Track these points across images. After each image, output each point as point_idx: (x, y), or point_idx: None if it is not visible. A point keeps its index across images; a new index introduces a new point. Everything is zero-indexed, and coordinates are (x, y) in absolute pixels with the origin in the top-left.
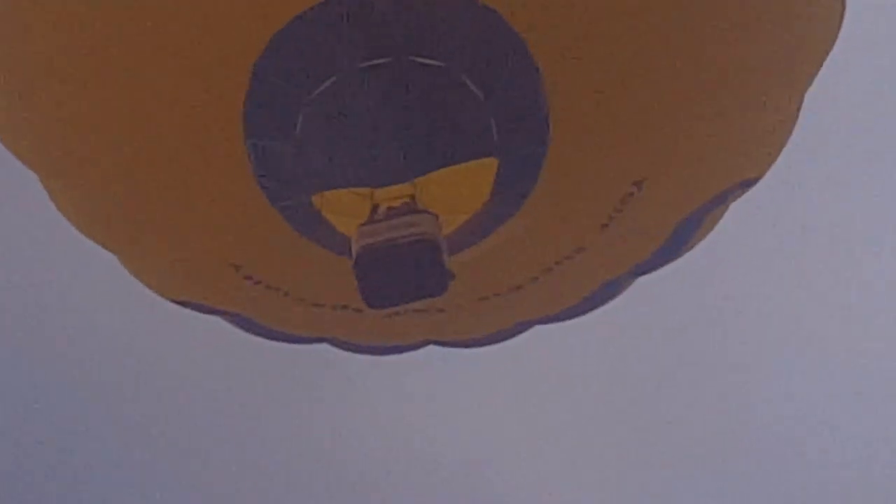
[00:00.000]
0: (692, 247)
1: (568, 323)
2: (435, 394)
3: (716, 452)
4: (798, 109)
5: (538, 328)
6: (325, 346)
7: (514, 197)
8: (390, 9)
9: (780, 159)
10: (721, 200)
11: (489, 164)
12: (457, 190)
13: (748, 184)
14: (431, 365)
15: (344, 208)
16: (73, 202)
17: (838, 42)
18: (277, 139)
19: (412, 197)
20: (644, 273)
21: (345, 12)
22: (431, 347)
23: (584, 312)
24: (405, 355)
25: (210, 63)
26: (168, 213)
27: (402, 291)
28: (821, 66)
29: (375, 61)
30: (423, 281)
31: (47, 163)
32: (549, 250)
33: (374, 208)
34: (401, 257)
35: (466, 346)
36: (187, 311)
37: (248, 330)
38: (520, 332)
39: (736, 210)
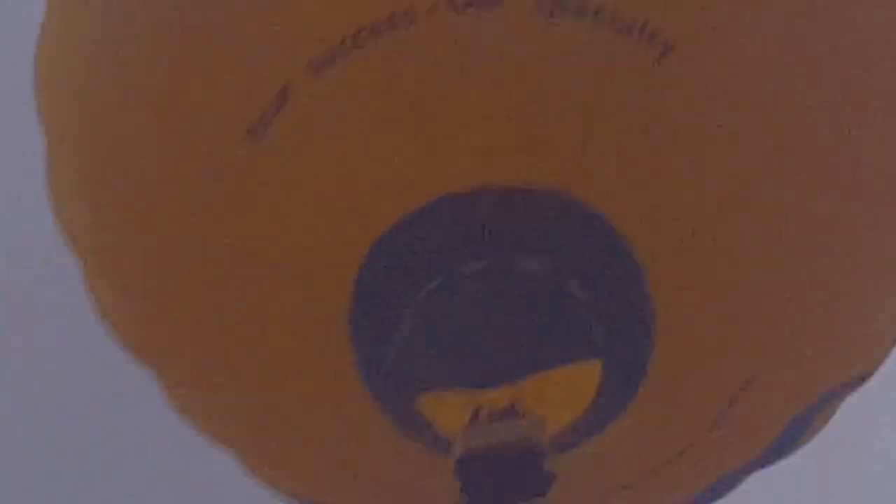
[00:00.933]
0: (806, 442)
1: None
2: None
3: None
4: None
5: None
6: None
7: (619, 399)
8: (492, 211)
9: None
10: (833, 396)
11: (593, 367)
12: (560, 392)
13: (863, 378)
14: None
15: (446, 410)
16: (191, 405)
17: None
18: (381, 341)
19: (515, 400)
20: (755, 470)
21: (447, 216)
22: None
23: None
24: None
25: (314, 267)
26: (281, 416)
27: (504, 495)
28: None
29: (477, 264)
30: (526, 484)
31: (174, 373)
32: (656, 451)
33: (476, 411)
34: (503, 461)
35: None
36: None
37: None
38: None
39: None
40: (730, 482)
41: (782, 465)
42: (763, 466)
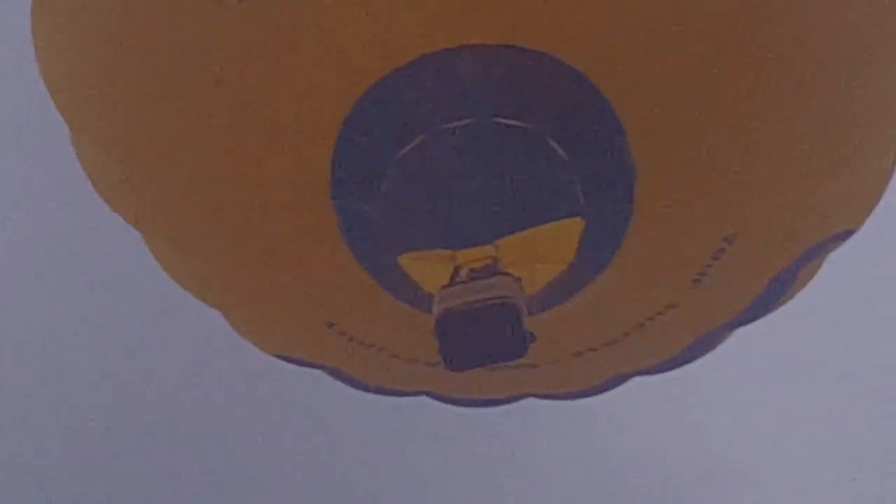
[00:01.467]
0: (788, 299)
1: None
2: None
3: None
4: None
5: None
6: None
7: (601, 257)
8: (475, 70)
9: None
10: (816, 253)
11: (574, 225)
12: (541, 250)
13: (846, 235)
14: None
15: (428, 269)
16: (180, 264)
17: None
18: (363, 200)
19: (494, 259)
20: (740, 325)
21: (428, 74)
22: None
23: (680, 365)
24: None
25: (297, 123)
26: (264, 273)
27: (482, 354)
28: None
29: (460, 122)
30: (503, 344)
31: (153, 228)
32: (641, 307)
33: (456, 270)
34: (481, 320)
35: (564, 398)
36: None
37: (347, 383)
38: (616, 384)
39: None
40: (713, 339)
41: None
42: (746, 323)
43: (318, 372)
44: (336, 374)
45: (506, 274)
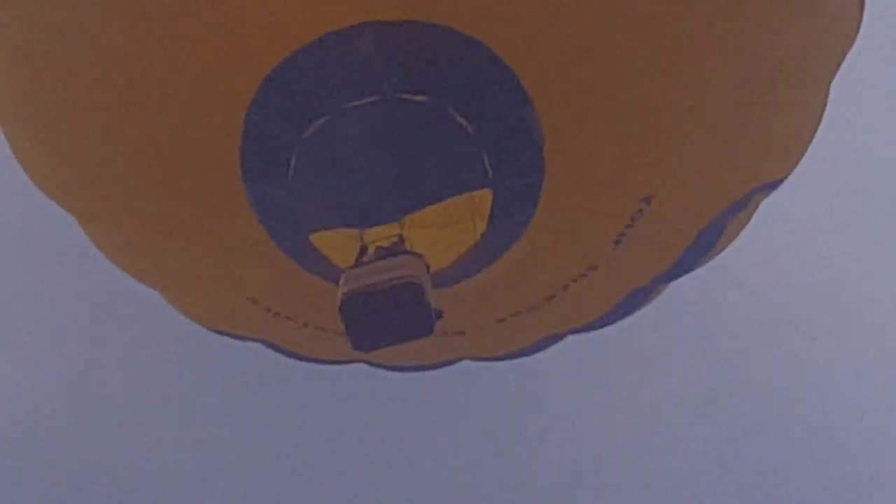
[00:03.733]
0: (720, 250)
1: None
2: None
3: None
4: (824, 104)
5: None
6: None
7: (513, 226)
8: (376, 47)
9: None
10: (744, 204)
11: (484, 197)
12: (450, 224)
13: (774, 185)
14: None
15: (338, 247)
16: (110, 243)
17: None
18: (273, 181)
19: (400, 237)
20: (672, 279)
21: (331, 53)
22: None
23: (615, 321)
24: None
25: (205, 108)
26: (186, 253)
27: (387, 335)
28: (845, 55)
29: (363, 100)
30: (408, 323)
31: (78, 208)
32: (561, 271)
33: (363, 249)
34: (384, 301)
35: (499, 360)
36: None
37: (283, 354)
38: (551, 343)
39: None
40: (645, 294)
41: None
42: (678, 276)
43: (256, 345)
44: (271, 346)
45: (410, 252)
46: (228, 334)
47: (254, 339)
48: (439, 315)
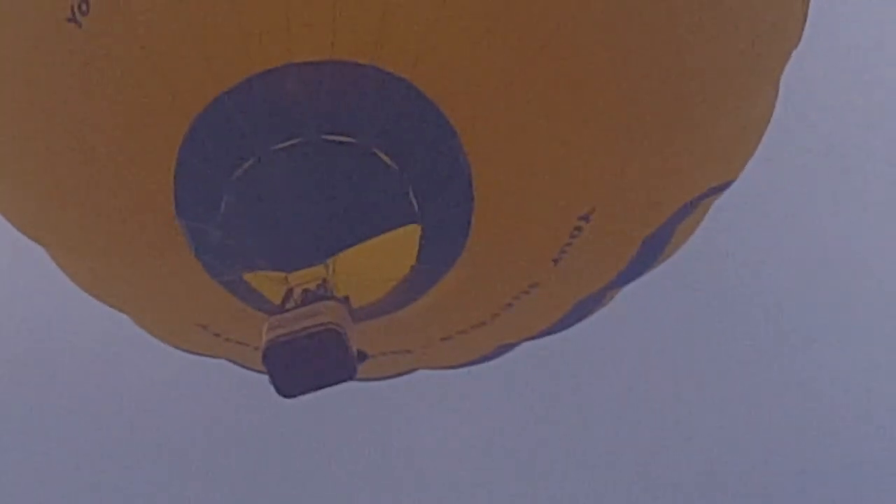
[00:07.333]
0: (670, 255)
1: None
2: None
3: None
4: (772, 104)
5: None
6: None
7: (446, 255)
8: (300, 89)
9: None
10: (691, 209)
11: (412, 231)
12: (379, 261)
13: (723, 187)
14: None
15: (269, 287)
16: (76, 272)
17: None
18: (204, 219)
19: (325, 280)
20: (622, 285)
21: (256, 95)
22: None
23: (566, 328)
24: None
25: (138, 147)
26: (134, 279)
27: (310, 381)
28: (790, 54)
29: (288, 142)
30: (330, 369)
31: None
32: (501, 292)
33: (289, 292)
34: (305, 349)
35: (453, 369)
36: None
37: (246, 369)
38: (505, 352)
39: None
40: (596, 301)
41: None
42: (628, 282)
43: (220, 361)
44: (233, 362)
45: (333, 297)
46: (191, 353)
47: (216, 358)
48: (363, 358)
